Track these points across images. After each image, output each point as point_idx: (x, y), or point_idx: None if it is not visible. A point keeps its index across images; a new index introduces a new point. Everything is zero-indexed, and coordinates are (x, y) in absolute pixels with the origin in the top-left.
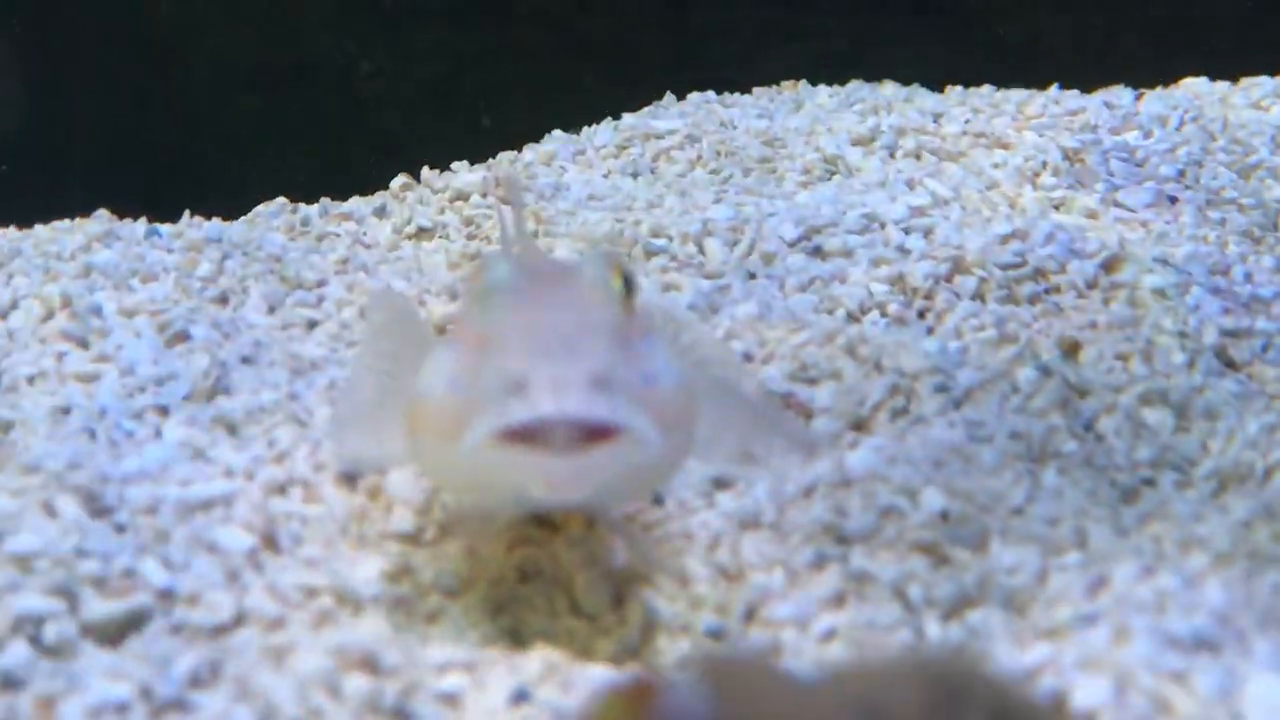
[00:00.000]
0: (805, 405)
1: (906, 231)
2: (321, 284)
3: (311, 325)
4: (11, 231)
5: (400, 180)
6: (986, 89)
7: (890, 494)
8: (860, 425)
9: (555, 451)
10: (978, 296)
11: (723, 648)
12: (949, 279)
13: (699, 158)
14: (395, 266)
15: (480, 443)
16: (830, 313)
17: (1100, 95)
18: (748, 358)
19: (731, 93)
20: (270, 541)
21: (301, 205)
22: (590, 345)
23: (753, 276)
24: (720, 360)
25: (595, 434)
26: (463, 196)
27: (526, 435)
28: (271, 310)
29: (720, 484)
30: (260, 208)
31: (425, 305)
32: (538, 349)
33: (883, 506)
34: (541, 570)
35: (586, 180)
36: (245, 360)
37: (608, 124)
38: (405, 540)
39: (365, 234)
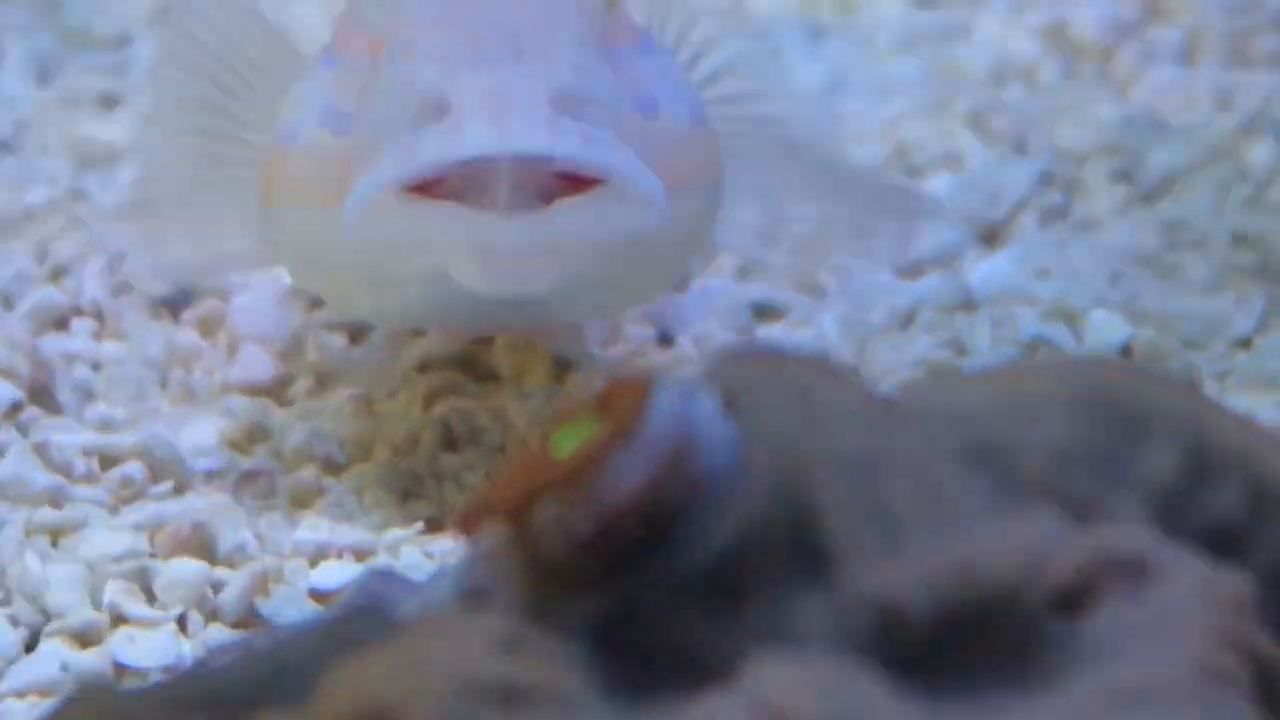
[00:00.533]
0: None
1: None
2: (124, 42)
3: (109, 102)
4: None
5: None
6: None
7: (1038, 319)
8: (992, 236)
9: (495, 210)
10: (1186, 57)
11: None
12: (1139, 31)
13: None
14: None
15: (374, 201)
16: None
17: None
18: None
19: None
20: (42, 393)
21: None
22: (549, 45)
23: (819, 34)
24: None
25: (561, 184)
26: None
27: (448, 186)
28: (43, 78)
29: (763, 312)
30: None
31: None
32: (465, 52)
33: (1027, 337)
34: (479, 431)
35: None
36: (1, 146)
37: None
38: (260, 393)
39: None
